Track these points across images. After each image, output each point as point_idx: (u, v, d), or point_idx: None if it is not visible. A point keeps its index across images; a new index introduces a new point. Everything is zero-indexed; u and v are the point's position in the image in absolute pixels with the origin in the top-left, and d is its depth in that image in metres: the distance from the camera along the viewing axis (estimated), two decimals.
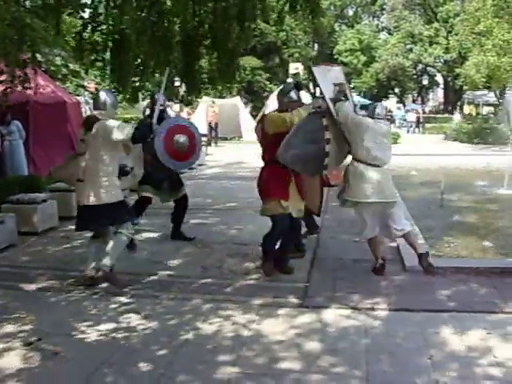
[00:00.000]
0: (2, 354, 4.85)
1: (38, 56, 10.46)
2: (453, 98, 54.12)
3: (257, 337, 5.20)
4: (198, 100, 34.78)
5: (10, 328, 5.44)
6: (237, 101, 32.91)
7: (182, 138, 7.65)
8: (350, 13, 65.04)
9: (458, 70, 39.67)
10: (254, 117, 33.66)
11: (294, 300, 6.13)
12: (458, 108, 50.02)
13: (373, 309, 5.82)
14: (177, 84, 28.83)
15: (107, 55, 12.44)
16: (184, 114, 28.53)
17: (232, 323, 5.56)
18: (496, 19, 27.36)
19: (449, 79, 52.77)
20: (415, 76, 57.97)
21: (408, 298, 6.09)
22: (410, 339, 5.07)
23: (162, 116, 7.85)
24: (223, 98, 35.08)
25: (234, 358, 4.80)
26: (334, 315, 5.70)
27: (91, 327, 5.43)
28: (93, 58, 12.57)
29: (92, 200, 6.44)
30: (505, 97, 29.28)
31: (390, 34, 59.05)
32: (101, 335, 5.28)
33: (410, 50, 52.78)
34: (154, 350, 4.95)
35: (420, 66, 56.29)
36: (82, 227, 6.89)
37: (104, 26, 11.58)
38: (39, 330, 5.32)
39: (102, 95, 6.72)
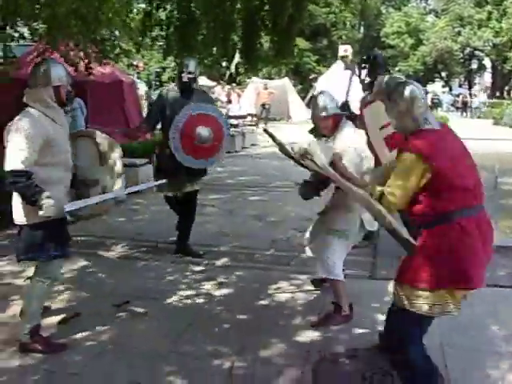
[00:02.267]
0: (92, 316, 5.20)
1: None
2: (500, 83, 53.36)
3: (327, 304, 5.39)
4: (247, 81, 35.00)
5: (96, 291, 5.81)
6: (285, 82, 33.02)
7: (204, 132, 6.54)
8: None
9: (508, 55, 39.15)
10: (303, 98, 33.82)
11: (362, 272, 6.38)
12: (506, 93, 49.36)
13: None
14: (224, 64, 29.21)
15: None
16: (234, 96, 28.82)
17: (302, 291, 5.85)
18: None
19: (497, 63, 52.03)
20: (462, 60, 57.26)
21: None
22: (480, 313, 5.26)
23: (190, 87, 6.73)
24: (271, 79, 35.21)
25: (307, 323, 5.09)
26: None
27: (172, 292, 5.77)
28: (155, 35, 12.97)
29: None
30: None
31: (437, 16, 58.32)
32: (182, 300, 5.63)
33: (459, 33, 52.08)
34: (234, 314, 5.26)
35: (468, 50, 55.56)
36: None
37: (169, 6, 11.92)
38: (125, 294, 5.67)
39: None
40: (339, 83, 31.20)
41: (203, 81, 28.86)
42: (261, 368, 4.29)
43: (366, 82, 7.03)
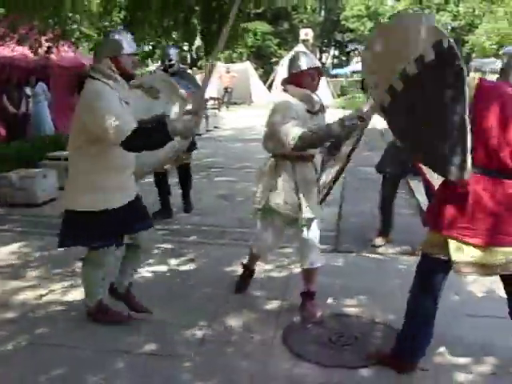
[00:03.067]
0: (68, 291, 5.38)
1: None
2: None
3: (294, 276, 5.65)
4: (207, 64, 34.97)
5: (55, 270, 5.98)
6: (247, 66, 33.18)
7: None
8: None
9: (466, 38, 39.71)
10: (264, 82, 34.02)
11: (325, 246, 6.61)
12: None
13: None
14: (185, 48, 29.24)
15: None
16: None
17: (269, 266, 6.10)
18: None
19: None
20: None
21: None
22: None
23: (173, 72, 7.38)
24: (233, 62, 35.33)
25: (279, 294, 5.33)
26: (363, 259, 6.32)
27: (143, 268, 5.88)
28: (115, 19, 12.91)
29: None
30: None
31: (397, 0, 58.80)
32: (154, 274, 5.85)
33: None
34: (205, 287, 5.48)
35: None
36: None
37: None
38: None
39: None
40: None
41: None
42: (233, 335, 4.53)
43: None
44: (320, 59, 46.80)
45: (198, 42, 29.70)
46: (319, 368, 4.05)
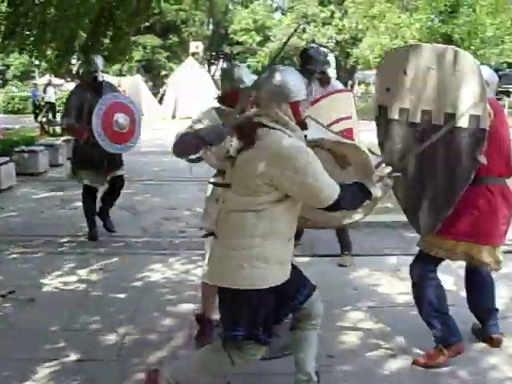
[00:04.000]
0: None
1: None
2: (344, 78, 55.92)
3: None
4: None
5: None
6: (137, 79, 33.16)
7: (121, 118, 7.13)
8: None
9: (351, 51, 41.26)
10: (155, 95, 34.09)
11: None
12: (350, 87, 51.81)
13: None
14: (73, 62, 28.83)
15: None
16: None
17: (177, 271, 6.39)
18: (388, 4, 29.34)
19: (340, 59, 54.48)
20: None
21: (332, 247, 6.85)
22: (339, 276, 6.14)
23: (98, 83, 7.32)
24: (123, 76, 35.27)
25: (191, 297, 5.58)
26: None
27: (54, 280, 6.05)
28: None
29: None
30: None
31: (283, 14, 60.14)
32: (66, 285, 5.94)
33: (304, 30, 54.08)
34: (117, 295, 5.66)
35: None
36: None
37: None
38: (7, 286, 5.85)
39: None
40: (194, 79, 31.36)
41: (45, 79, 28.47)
42: (150, 336, 4.75)
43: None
44: (209, 72, 47.23)
45: None
46: None
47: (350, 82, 54.15)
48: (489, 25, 29.00)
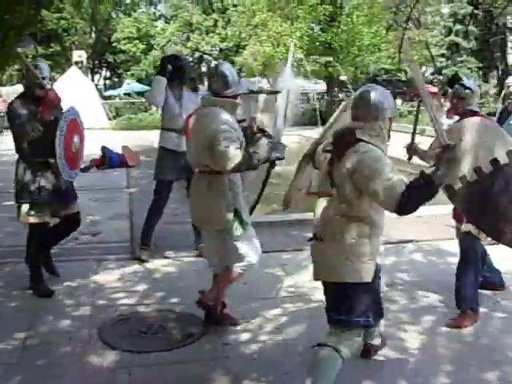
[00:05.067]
0: None
1: None
2: None
3: (104, 283, 6.28)
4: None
5: None
6: (19, 88, 32.48)
7: (77, 139, 5.95)
8: (128, 0, 65.06)
9: (234, 58, 41.94)
10: None
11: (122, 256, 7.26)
12: None
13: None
14: None
15: None
16: None
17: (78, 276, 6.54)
18: (270, 13, 30.32)
19: None
20: (193, 63, 59.61)
21: None
22: None
23: None
24: (3, 85, 34.51)
25: (88, 300, 5.85)
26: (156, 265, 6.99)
27: None
28: None
29: None
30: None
31: (167, 22, 60.18)
32: None
33: (188, 38, 54.43)
34: (18, 301, 5.85)
35: (197, 54, 58.06)
36: None
37: None
38: None
39: None
40: (77, 88, 30.91)
41: None
42: (53, 337, 4.98)
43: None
44: (92, 81, 46.69)
45: None
46: (130, 354, 4.68)
47: None
48: (365, 33, 30.57)
